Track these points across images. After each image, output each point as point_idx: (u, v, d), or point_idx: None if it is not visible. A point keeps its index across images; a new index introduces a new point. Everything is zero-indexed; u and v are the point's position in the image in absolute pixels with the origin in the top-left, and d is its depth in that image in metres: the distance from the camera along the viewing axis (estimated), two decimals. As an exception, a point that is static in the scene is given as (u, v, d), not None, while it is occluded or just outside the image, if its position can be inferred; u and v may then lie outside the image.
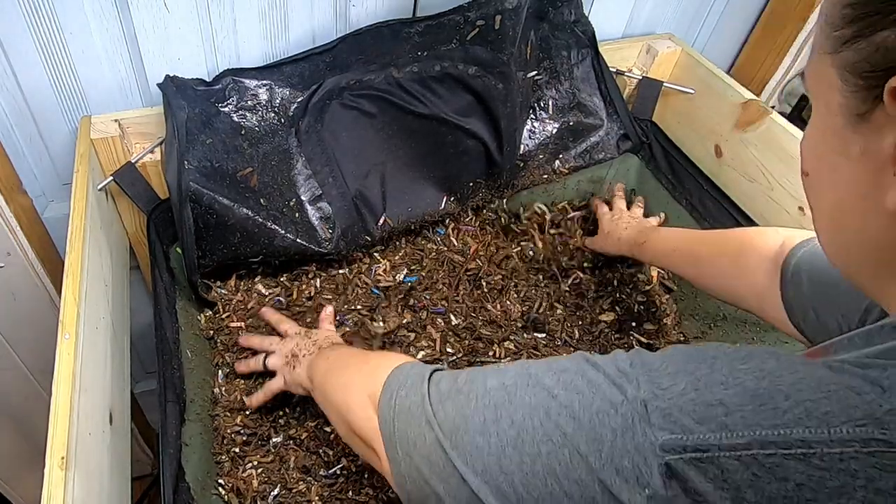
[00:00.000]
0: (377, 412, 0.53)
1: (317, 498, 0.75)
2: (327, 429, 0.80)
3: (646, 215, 1.12)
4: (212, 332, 0.88)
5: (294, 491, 0.75)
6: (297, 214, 0.87)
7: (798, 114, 1.22)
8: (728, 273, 0.76)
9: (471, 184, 0.99)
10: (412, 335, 0.91)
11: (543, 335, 0.93)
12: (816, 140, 0.40)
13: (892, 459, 0.29)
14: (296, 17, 0.87)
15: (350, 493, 0.75)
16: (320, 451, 0.79)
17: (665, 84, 1.09)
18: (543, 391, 0.42)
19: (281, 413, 0.82)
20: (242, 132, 0.82)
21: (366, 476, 0.77)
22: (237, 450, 0.78)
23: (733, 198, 1.00)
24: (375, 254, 0.99)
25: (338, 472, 0.77)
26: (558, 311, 0.97)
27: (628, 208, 1.07)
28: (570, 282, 1.01)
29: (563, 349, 0.92)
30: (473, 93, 0.91)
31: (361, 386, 0.58)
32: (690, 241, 0.84)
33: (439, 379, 0.51)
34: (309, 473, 0.77)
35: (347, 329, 0.90)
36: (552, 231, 1.08)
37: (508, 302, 0.97)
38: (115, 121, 0.83)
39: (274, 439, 0.80)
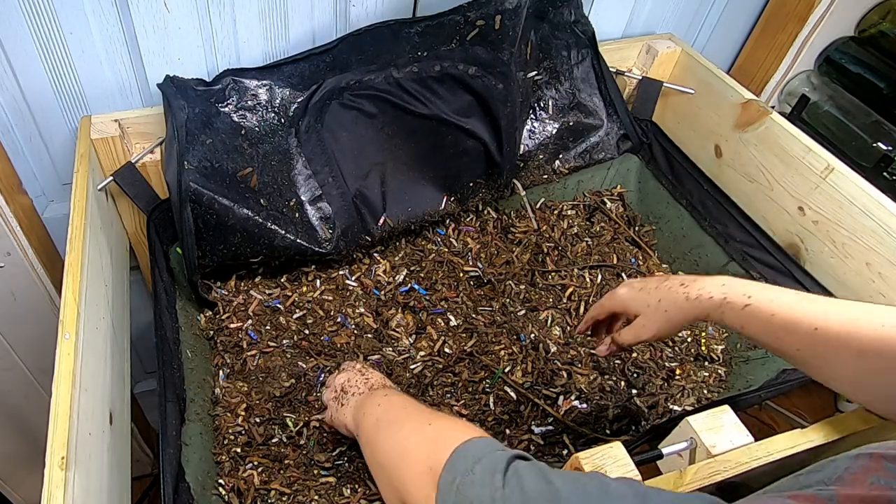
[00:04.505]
0: (436, 492, 0.45)
1: (317, 497, 0.75)
2: (327, 429, 0.80)
3: (646, 216, 1.12)
4: (212, 332, 0.88)
5: (294, 491, 0.75)
6: (297, 214, 0.87)
7: (798, 114, 1.22)
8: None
9: (471, 184, 0.99)
10: (412, 336, 0.91)
11: (544, 338, 0.93)
12: None
13: None
14: (296, 17, 0.87)
15: (349, 492, 0.75)
16: (320, 450, 0.79)
17: (665, 84, 1.09)
18: None
19: (281, 413, 0.82)
20: (242, 132, 0.82)
21: (365, 475, 0.77)
22: (237, 450, 0.77)
23: (733, 198, 1.00)
24: (375, 254, 0.99)
25: (338, 471, 0.78)
26: (558, 313, 0.97)
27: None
28: (570, 289, 1.00)
29: (563, 350, 0.92)
30: (473, 93, 0.91)
31: (422, 455, 0.49)
32: (835, 314, 0.56)
33: (522, 472, 0.42)
34: (309, 473, 0.77)
35: (347, 330, 0.90)
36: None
37: (508, 302, 0.97)
38: (115, 121, 0.83)
39: (274, 439, 0.80)
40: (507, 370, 0.88)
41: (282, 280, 0.94)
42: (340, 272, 0.96)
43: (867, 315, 0.54)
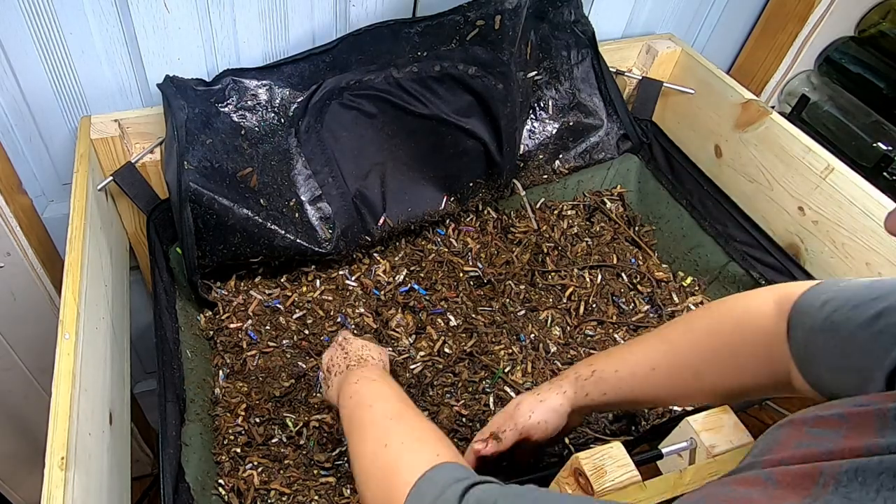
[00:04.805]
0: None
1: (317, 497, 0.75)
2: (326, 428, 0.80)
3: (646, 215, 1.12)
4: (211, 332, 0.88)
5: (294, 491, 0.75)
6: (296, 215, 0.87)
7: (798, 114, 1.22)
8: (738, 366, 0.61)
9: (471, 184, 0.99)
10: (412, 336, 0.91)
11: (544, 337, 0.93)
12: None
13: None
14: (296, 17, 0.87)
15: (349, 492, 0.75)
16: (320, 450, 0.79)
17: (665, 84, 1.09)
18: None
19: (281, 413, 0.82)
20: (242, 132, 0.82)
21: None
22: (237, 450, 0.77)
23: (733, 198, 1.00)
24: (375, 254, 0.99)
25: (337, 471, 0.78)
26: (558, 313, 0.97)
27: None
28: (570, 289, 1.00)
29: (565, 353, 0.92)
30: (473, 93, 0.91)
31: (377, 488, 0.51)
32: (666, 353, 0.64)
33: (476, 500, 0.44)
34: (309, 473, 0.77)
35: (345, 329, 0.90)
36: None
37: (508, 302, 0.97)
38: (115, 121, 0.83)
39: (274, 439, 0.80)
40: (506, 370, 0.88)
41: (282, 280, 0.94)
42: (340, 272, 0.96)
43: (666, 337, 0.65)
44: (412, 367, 0.87)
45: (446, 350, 0.89)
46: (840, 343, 0.50)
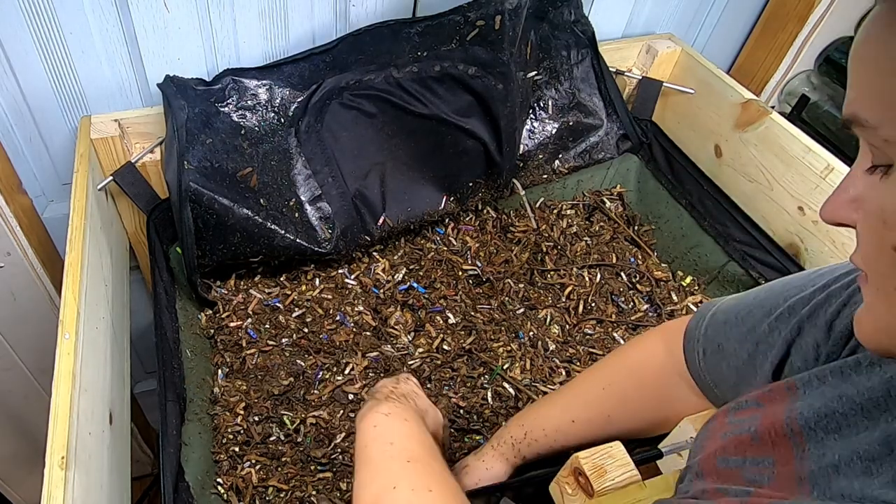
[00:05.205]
0: None
1: (314, 492, 0.75)
2: (323, 424, 0.80)
3: (645, 215, 1.12)
4: (212, 331, 0.88)
5: (291, 486, 0.76)
6: (296, 214, 0.87)
7: (798, 114, 1.22)
8: (644, 409, 0.67)
9: (470, 184, 0.99)
10: (410, 334, 0.91)
11: (543, 335, 0.93)
12: None
13: None
14: (296, 17, 0.87)
15: (346, 486, 0.76)
16: (317, 446, 0.79)
17: (665, 84, 1.10)
18: None
19: (279, 411, 0.82)
20: (242, 132, 0.83)
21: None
22: (236, 448, 0.78)
23: (733, 198, 1.00)
24: (374, 253, 0.99)
25: (334, 465, 0.78)
26: (557, 312, 0.97)
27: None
28: (569, 288, 1.00)
29: (564, 351, 0.92)
30: (473, 93, 0.91)
31: None
32: (580, 405, 0.69)
33: None
34: (306, 469, 0.77)
35: (346, 328, 0.90)
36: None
37: (507, 301, 0.97)
38: (115, 121, 0.83)
39: (272, 437, 0.80)
40: (505, 367, 0.88)
41: (281, 279, 0.94)
42: (339, 271, 0.96)
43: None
44: (410, 363, 0.87)
45: (445, 347, 0.89)
46: (727, 360, 0.57)
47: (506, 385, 0.86)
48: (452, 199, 0.99)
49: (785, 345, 0.51)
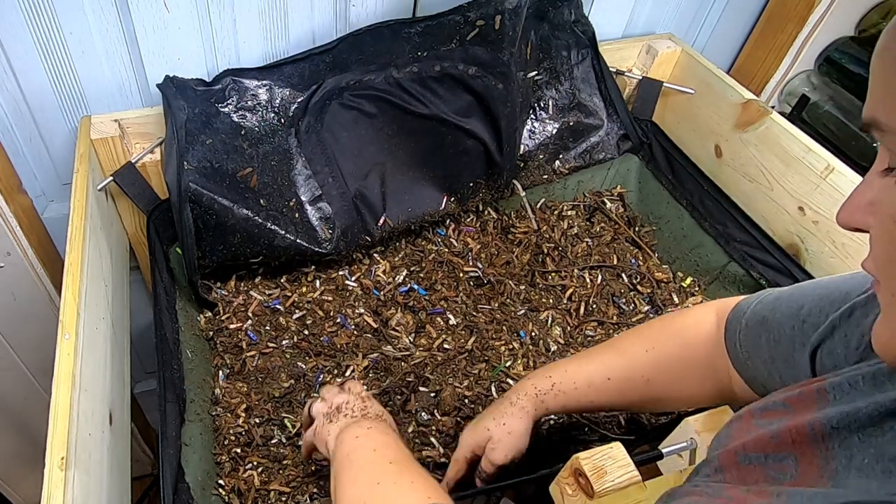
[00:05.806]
0: None
1: (316, 490, 0.75)
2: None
3: (646, 216, 1.12)
4: (211, 332, 0.88)
5: (293, 489, 0.75)
6: (296, 215, 0.87)
7: (798, 114, 1.22)
8: (685, 375, 0.66)
9: (471, 184, 0.99)
10: (411, 335, 0.91)
11: (545, 336, 0.93)
12: None
13: None
14: (296, 17, 0.87)
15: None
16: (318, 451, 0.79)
17: (665, 84, 1.10)
18: None
19: (280, 414, 0.82)
20: (242, 132, 0.83)
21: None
22: (238, 450, 0.78)
23: (733, 198, 1.00)
24: (375, 254, 0.99)
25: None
26: (558, 313, 0.97)
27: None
28: (570, 289, 1.00)
29: (566, 352, 0.92)
30: (473, 93, 0.91)
31: None
32: (621, 363, 0.68)
33: None
34: (307, 472, 0.77)
35: (347, 330, 0.90)
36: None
37: (508, 302, 0.97)
38: (115, 121, 0.83)
39: (273, 440, 0.80)
40: (507, 364, 0.88)
41: (281, 280, 0.94)
42: (340, 272, 0.96)
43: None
44: (412, 361, 0.87)
45: (446, 346, 0.89)
46: (769, 332, 0.56)
47: (510, 381, 0.86)
48: (453, 199, 0.99)
49: (830, 327, 0.50)
